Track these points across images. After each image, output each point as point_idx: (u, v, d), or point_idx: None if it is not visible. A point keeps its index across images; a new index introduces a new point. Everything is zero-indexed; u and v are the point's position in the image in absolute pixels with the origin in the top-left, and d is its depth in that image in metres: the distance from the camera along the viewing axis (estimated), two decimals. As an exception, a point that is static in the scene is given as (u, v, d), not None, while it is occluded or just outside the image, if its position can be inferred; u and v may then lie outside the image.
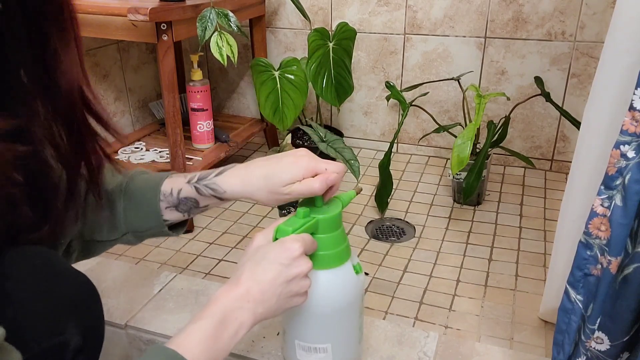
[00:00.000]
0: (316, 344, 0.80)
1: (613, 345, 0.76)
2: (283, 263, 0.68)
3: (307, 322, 0.79)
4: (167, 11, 1.28)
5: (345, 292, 0.79)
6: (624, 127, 0.72)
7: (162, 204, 0.78)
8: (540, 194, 1.65)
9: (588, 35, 1.60)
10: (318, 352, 0.79)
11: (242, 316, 0.64)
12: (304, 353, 0.81)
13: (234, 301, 0.64)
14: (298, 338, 0.81)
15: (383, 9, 1.77)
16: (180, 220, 0.81)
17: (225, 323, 0.62)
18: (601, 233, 0.77)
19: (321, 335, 0.80)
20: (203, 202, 0.78)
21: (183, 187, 0.77)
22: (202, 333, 0.61)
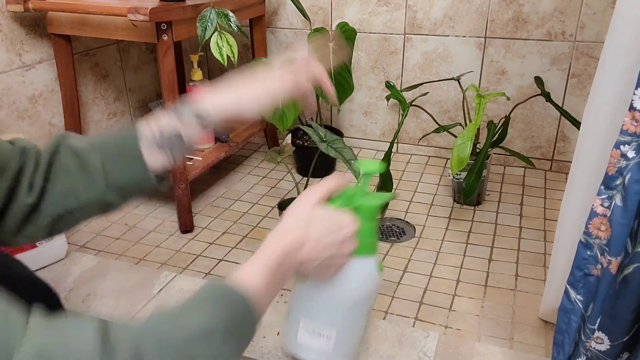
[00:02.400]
0: (322, 328, 0.79)
1: (613, 345, 0.76)
2: (339, 237, 0.70)
3: (319, 304, 0.79)
4: (167, 11, 1.28)
5: (366, 283, 0.80)
6: (624, 127, 0.72)
7: (142, 143, 0.73)
8: (540, 194, 1.65)
9: (588, 35, 1.60)
10: (321, 337, 0.79)
11: (293, 265, 0.67)
12: (307, 335, 0.80)
13: (292, 249, 0.66)
14: (305, 319, 0.80)
15: (383, 9, 1.77)
16: (163, 169, 0.76)
17: (282, 265, 0.65)
18: (601, 233, 0.77)
19: (329, 321, 0.80)
20: (187, 134, 0.74)
21: (162, 121, 0.74)
22: (265, 271, 0.62)
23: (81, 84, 1.61)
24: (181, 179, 1.46)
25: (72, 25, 1.39)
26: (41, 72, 1.49)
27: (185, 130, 0.74)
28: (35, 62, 1.47)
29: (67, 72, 1.49)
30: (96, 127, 1.69)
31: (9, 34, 1.39)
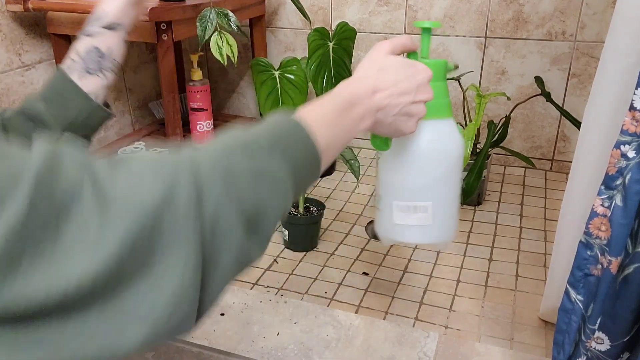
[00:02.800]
0: (416, 201, 0.75)
1: (613, 346, 0.76)
2: (416, 82, 0.66)
3: (409, 177, 0.75)
4: (167, 11, 1.28)
5: (451, 146, 0.75)
6: (625, 127, 0.72)
7: (73, 77, 0.75)
8: (540, 194, 1.65)
9: (588, 35, 1.60)
10: (417, 211, 0.74)
11: (366, 110, 0.62)
12: (402, 214, 0.75)
13: (363, 93, 0.62)
14: (397, 198, 0.75)
15: (383, 8, 1.77)
16: (100, 91, 0.79)
17: (349, 110, 0.60)
18: (601, 233, 0.77)
19: (422, 191, 0.75)
20: (102, 44, 0.76)
21: (77, 45, 0.76)
22: (325, 110, 0.58)
23: (81, 83, 1.61)
24: (181, 179, 1.46)
25: (72, 25, 1.39)
26: (41, 72, 1.49)
27: (99, 42, 0.77)
28: (35, 62, 1.47)
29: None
30: (96, 127, 1.69)
31: (8, 34, 1.38)
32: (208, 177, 0.41)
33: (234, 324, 1.08)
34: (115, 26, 0.78)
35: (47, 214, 0.32)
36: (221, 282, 0.42)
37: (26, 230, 0.31)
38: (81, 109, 0.76)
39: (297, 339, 1.05)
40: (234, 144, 0.47)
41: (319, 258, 1.35)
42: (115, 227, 0.34)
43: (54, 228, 0.32)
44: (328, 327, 1.08)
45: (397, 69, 0.66)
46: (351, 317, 1.11)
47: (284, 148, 0.50)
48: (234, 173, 0.43)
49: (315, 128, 0.54)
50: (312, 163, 0.53)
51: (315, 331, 1.07)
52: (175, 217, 0.37)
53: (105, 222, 0.34)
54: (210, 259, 0.40)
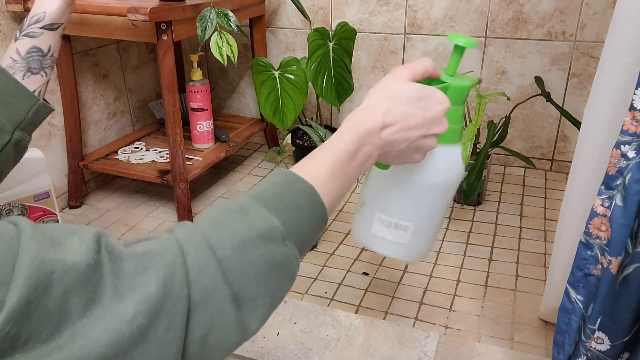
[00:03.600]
0: (399, 219, 0.74)
1: (613, 346, 0.76)
2: (430, 115, 0.62)
3: (399, 193, 0.73)
4: (167, 11, 1.28)
5: (449, 173, 0.73)
6: (625, 127, 0.72)
7: (17, 77, 0.78)
8: (540, 194, 1.65)
9: (588, 35, 1.60)
10: (398, 229, 0.74)
11: (370, 151, 0.59)
12: (382, 228, 0.75)
13: (370, 130, 0.58)
14: (381, 210, 0.74)
15: (383, 8, 1.77)
16: (42, 87, 0.82)
17: (355, 154, 0.57)
18: (601, 233, 0.77)
19: (408, 211, 0.74)
20: (43, 44, 0.80)
21: (17, 46, 0.79)
22: (330, 160, 0.56)
23: (81, 83, 1.61)
24: (181, 179, 1.46)
25: (71, 25, 1.39)
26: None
27: (40, 42, 0.80)
28: (35, 62, 1.47)
29: (67, 72, 1.49)
30: (96, 127, 1.69)
31: (8, 34, 1.38)
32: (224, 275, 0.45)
33: (234, 324, 1.08)
34: (55, 27, 0.81)
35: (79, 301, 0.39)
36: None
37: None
38: (29, 108, 0.78)
39: (297, 339, 1.05)
40: (244, 234, 0.48)
41: (319, 258, 1.35)
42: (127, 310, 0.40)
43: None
44: (328, 327, 1.08)
45: (410, 100, 0.61)
46: (351, 317, 1.11)
47: (288, 214, 0.51)
48: (245, 267, 0.47)
49: (322, 186, 0.53)
50: (320, 222, 0.54)
51: (315, 331, 1.07)
52: (170, 305, 0.42)
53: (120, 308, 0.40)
54: (201, 337, 0.44)
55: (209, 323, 0.44)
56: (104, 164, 1.57)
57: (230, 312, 0.46)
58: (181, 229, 0.48)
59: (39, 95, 0.81)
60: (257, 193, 0.52)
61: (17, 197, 1.25)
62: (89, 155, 1.62)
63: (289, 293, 1.23)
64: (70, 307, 0.37)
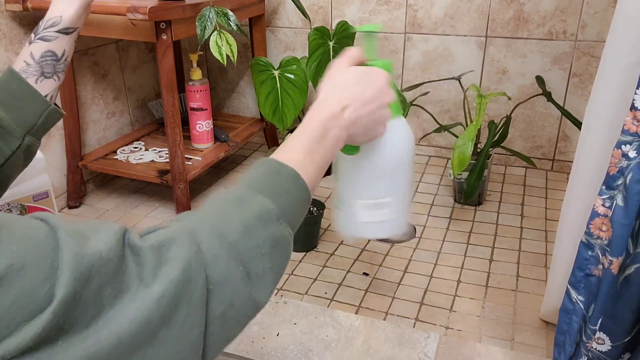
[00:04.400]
0: (378, 198, 0.79)
1: (614, 346, 0.76)
2: (377, 88, 0.68)
3: (370, 176, 0.78)
4: (167, 10, 1.28)
5: (407, 143, 0.80)
6: (626, 127, 0.71)
7: (30, 81, 0.78)
8: (541, 194, 1.64)
9: (589, 35, 1.59)
10: (381, 207, 0.79)
11: (339, 130, 0.65)
12: (367, 213, 0.79)
13: (330, 119, 0.64)
14: (360, 197, 0.79)
15: (383, 7, 1.76)
16: (55, 92, 0.81)
17: (323, 138, 0.63)
18: (602, 233, 0.77)
19: (383, 188, 0.79)
20: (58, 49, 0.80)
21: (31, 50, 0.78)
22: (303, 146, 0.62)
23: (80, 83, 1.60)
24: (180, 179, 1.45)
25: (71, 25, 1.38)
26: (40, 72, 1.48)
27: (54, 47, 0.79)
28: (34, 62, 1.47)
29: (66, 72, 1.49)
30: (95, 126, 1.69)
31: (7, 33, 1.38)
32: (214, 254, 0.49)
33: (234, 324, 1.08)
34: (71, 31, 0.81)
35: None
36: (227, 329, 0.51)
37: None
38: (41, 113, 0.78)
39: (297, 339, 1.05)
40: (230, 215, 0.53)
41: (319, 258, 1.35)
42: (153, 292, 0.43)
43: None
44: (328, 327, 1.08)
45: (356, 81, 0.69)
46: (351, 317, 1.11)
47: (279, 197, 0.56)
48: (241, 248, 0.51)
49: (302, 170, 0.59)
50: (305, 202, 0.60)
51: (315, 332, 1.07)
52: (191, 289, 0.45)
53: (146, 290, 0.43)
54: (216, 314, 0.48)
55: (226, 302, 0.48)
56: (103, 164, 1.57)
57: (244, 290, 0.50)
58: (189, 218, 0.52)
59: (50, 100, 0.80)
60: (249, 182, 0.57)
61: (16, 197, 1.25)
62: (88, 155, 1.62)
63: (288, 293, 1.23)
64: (103, 297, 0.40)
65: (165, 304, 0.43)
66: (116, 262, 0.42)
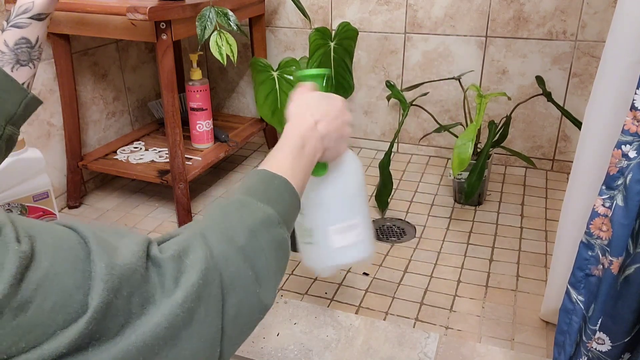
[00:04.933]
0: (350, 219, 0.84)
1: (614, 346, 0.76)
2: (339, 107, 0.77)
3: (340, 198, 0.85)
4: (166, 10, 1.28)
5: (357, 161, 0.87)
6: (626, 127, 0.71)
7: (6, 69, 0.77)
8: (541, 194, 1.64)
9: (589, 35, 1.59)
10: (353, 228, 0.84)
11: (315, 142, 0.71)
12: (340, 237, 0.84)
13: (307, 131, 0.71)
14: (332, 224, 0.84)
15: (383, 7, 1.76)
16: (31, 80, 0.82)
17: (303, 148, 0.69)
18: (602, 233, 0.77)
19: (352, 208, 0.85)
20: (31, 35, 0.79)
21: (5, 37, 0.78)
22: (288, 157, 0.68)
23: (80, 83, 1.60)
24: (180, 179, 1.45)
25: (70, 25, 1.38)
26: (40, 72, 1.48)
27: (28, 33, 0.79)
28: (34, 62, 1.47)
29: (66, 72, 1.49)
30: (95, 126, 1.69)
31: (7, 34, 1.38)
32: (223, 258, 0.52)
33: (234, 324, 1.08)
34: (43, 17, 0.80)
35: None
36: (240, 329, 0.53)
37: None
38: (20, 101, 0.78)
39: (297, 339, 1.05)
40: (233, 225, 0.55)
41: (319, 258, 1.34)
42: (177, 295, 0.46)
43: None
44: (328, 327, 1.08)
45: (321, 101, 0.77)
46: (351, 317, 1.11)
47: (277, 203, 0.60)
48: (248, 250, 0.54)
49: (291, 178, 0.64)
50: (296, 207, 0.65)
51: (315, 332, 1.07)
52: (208, 291, 0.48)
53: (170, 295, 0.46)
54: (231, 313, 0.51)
55: (239, 304, 0.51)
56: (103, 164, 1.57)
57: (254, 291, 0.53)
58: (198, 225, 0.54)
59: (27, 88, 0.80)
60: (248, 190, 0.61)
61: (16, 197, 1.25)
62: (88, 155, 1.62)
63: (288, 293, 1.23)
64: (132, 305, 0.42)
65: (187, 307, 0.45)
66: (142, 272, 0.44)
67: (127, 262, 0.43)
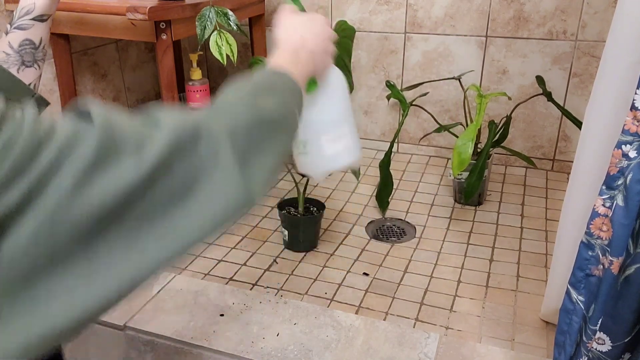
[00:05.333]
0: (339, 127, 0.91)
1: (614, 346, 0.76)
2: (322, 24, 0.81)
3: (330, 109, 0.91)
4: (166, 10, 1.28)
5: (344, 79, 0.92)
6: (626, 127, 0.71)
7: (12, 71, 0.79)
8: (541, 194, 1.64)
9: (589, 35, 1.59)
10: (342, 136, 0.91)
11: (306, 54, 0.75)
12: (332, 144, 0.91)
13: (298, 43, 0.75)
14: (323, 133, 0.90)
15: (383, 7, 1.76)
16: (37, 81, 0.84)
17: (298, 58, 0.73)
18: (603, 233, 0.76)
19: (340, 118, 0.92)
20: (34, 36, 0.80)
21: (9, 39, 0.79)
22: (286, 62, 0.71)
23: (80, 83, 1.60)
24: (180, 179, 1.45)
25: (70, 25, 1.38)
26: (40, 72, 1.48)
27: (31, 35, 0.80)
28: (34, 62, 1.47)
29: (66, 72, 1.49)
30: (95, 126, 1.69)
31: (7, 34, 1.38)
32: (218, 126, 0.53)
33: (234, 324, 1.08)
34: (45, 18, 0.82)
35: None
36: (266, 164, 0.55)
37: None
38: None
39: (297, 339, 1.05)
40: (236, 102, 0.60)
41: (319, 258, 1.34)
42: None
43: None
44: (328, 327, 1.08)
45: (305, 21, 0.81)
46: (351, 317, 1.10)
47: (277, 89, 0.65)
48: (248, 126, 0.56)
49: (290, 70, 0.69)
50: (300, 95, 0.68)
51: (315, 332, 1.06)
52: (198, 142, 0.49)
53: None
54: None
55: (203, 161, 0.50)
56: (104, 164, 1.57)
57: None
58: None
59: (34, 89, 0.81)
60: (257, 78, 0.67)
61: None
62: (89, 155, 1.61)
63: (288, 293, 1.23)
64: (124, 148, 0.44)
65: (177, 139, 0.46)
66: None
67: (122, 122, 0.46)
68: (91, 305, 0.42)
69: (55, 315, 0.40)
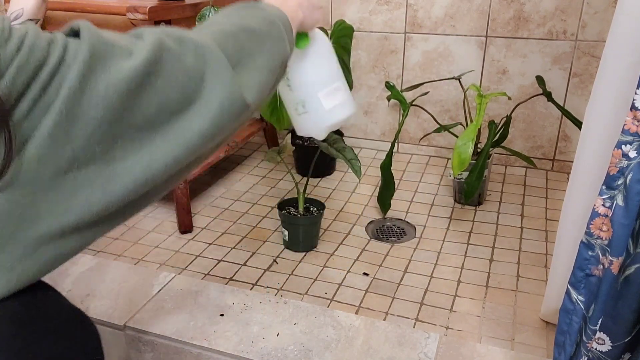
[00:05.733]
0: (333, 83, 0.95)
1: (614, 346, 0.75)
2: None
3: (320, 69, 0.95)
4: (166, 10, 1.28)
5: (326, 37, 0.96)
6: (626, 127, 0.71)
7: None
8: (541, 194, 1.64)
9: (590, 35, 1.59)
10: (338, 90, 0.95)
11: (295, 8, 0.77)
12: (330, 99, 0.95)
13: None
14: (320, 89, 0.94)
15: (383, 7, 1.76)
16: None
17: (285, 1, 0.75)
18: (603, 233, 0.76)
19: (333, 74, 0.96)
20: None
21: None
22: (275, 1, 0.73)
23: (80, 83, 1.60)
24: (180, 179, 1.45)
25: (71, 25, 1.38)
26: (40, 72, 1.48)
27: None
28: (34, 62, 1.47)
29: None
30: (95, 126, 1.68)
31: (7, 34, 1.38)
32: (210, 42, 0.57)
33: (234, 324, 1.08)
34: (34, 22, 0.83)
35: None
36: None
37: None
38: None
39: (297, 339, 1.05)
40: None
41: (319, 258, 1.34)
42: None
43: None
44: (328, 327, 1.08)
45: None
46: (351, 317, 1.10)
47: (260, 8, 0.68)
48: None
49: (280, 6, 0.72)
50: (283, 17, 0.71)
51: (315, 332, 1.06)
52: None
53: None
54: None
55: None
56: (104, 164, 1.57)
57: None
58: None
59: None
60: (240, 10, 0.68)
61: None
62: (89, 155, 1.61)
63: (288, 293, 1.23)
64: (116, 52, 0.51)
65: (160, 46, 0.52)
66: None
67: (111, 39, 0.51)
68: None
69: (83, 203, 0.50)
